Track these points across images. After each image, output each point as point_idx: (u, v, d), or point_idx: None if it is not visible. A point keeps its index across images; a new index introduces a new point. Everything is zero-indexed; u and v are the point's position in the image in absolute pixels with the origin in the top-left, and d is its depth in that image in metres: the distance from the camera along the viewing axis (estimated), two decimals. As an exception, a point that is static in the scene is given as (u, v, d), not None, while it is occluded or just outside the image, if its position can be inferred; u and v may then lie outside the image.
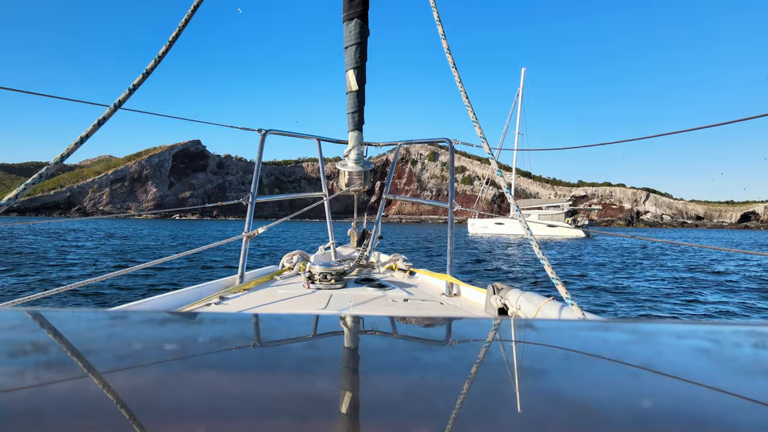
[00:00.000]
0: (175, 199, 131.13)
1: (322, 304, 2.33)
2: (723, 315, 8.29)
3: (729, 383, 0.41)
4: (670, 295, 10.03)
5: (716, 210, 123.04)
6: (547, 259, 1.99)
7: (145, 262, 2.49)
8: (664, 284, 11.85)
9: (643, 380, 0.43)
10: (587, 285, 11.45)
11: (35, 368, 0.42)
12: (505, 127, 52.57)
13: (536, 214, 53.19)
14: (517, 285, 2.27)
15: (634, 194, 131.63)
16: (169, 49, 2.37)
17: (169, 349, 0.49)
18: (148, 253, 18.38)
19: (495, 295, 2.24)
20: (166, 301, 2.25)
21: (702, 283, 12.19)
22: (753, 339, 0.54)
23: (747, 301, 9.45)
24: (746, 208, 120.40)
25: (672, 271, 15.17)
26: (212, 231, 35.53)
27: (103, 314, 0.65)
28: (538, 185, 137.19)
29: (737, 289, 11.08)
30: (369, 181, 3.41)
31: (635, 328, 0.60)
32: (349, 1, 3.10)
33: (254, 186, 3.03)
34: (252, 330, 0.61)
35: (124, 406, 0.35)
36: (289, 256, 3.46)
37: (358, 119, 3.29)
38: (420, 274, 3.31)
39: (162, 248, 20.33)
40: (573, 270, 15.07)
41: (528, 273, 13.90)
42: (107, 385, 0.39)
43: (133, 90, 2.19)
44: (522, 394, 0.39)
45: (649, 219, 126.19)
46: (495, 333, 0.61)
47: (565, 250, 25.12)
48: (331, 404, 0.37)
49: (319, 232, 30.63)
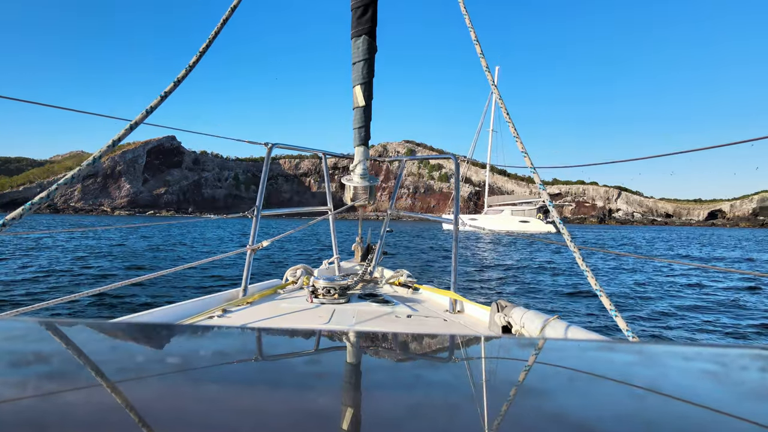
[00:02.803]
0: (150, 195, 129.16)
1: (324, 318, 2.35)
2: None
3: (735, 407, 0.41)
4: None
5: (684, 208, 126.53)
6: (591, 271, 2.01)
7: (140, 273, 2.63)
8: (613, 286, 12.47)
9: (649, 402, 0.42)
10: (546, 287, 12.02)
11: (36, 379, 0.42)
12: (479, 124, 53.33)
13: (509, 210, 53.97)
14: (521, 303, 2.28)
15: (606, 192, 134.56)
16: (193, 67, 2.32)
17: (170, 362, 0.49)
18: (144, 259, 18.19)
19: (499, 312, 2.24)
20: (168, 313, 2.26)
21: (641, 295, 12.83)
22: (760, 363, 0.54)
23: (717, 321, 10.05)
24: (713, 206, 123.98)
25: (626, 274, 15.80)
26: (194, 233, 35.19)
27: (105, 326, 0.64)
28: (514, 183, 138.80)
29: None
30: (374, 196, 3.40)
31: (641, 348, 0.60)
32: (357, 18, 3.13)
33: (260, 199, 2.99)
34: (254, 344, 0.60)
35: (124, 419, 0.35)
36: (292, 269, 3.45)
37: (365, 134, 3.31)
38: (424, 290, 3.32)
39: (157, 259, 19.47)
40: (529, 273, 15.65)
41: (497, 265, 14.48)
42: (108, 397, 0.39)
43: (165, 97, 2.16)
44: (525, 414, 0.39)
45: (620, 216, 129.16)
46: (499, 352, 0.61)
47: (538, 247, 25.84)
48: (332, 421, 0.37)
49: (310, 237, 30.63)
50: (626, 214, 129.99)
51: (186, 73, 2.27)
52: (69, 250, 16.99)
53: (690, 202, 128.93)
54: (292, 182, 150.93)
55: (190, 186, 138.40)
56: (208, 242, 24.36)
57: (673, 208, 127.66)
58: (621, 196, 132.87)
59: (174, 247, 20.46)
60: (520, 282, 11.62)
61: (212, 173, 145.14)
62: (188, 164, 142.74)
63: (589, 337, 1.74)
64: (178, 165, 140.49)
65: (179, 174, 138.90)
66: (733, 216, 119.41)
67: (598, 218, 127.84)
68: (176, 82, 2.24)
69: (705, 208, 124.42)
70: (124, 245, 20.03)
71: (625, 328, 1.80)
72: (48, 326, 0.60)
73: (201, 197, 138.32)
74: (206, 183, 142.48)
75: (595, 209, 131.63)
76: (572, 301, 9.16)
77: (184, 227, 41.68)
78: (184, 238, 27.53)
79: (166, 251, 18.56)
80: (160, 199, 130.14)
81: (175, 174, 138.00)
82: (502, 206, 56.14)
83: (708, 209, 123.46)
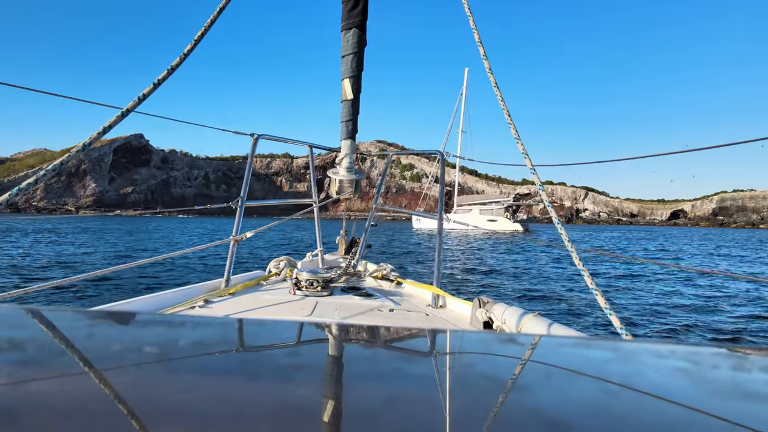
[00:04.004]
0: (116, 194, 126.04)
1: (307, 311, 2.35)
2: None
3: (707, 404, 0.42)
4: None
5: (648, 208, 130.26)
6: (587, 271, 2.05)
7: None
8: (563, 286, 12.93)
9: (623, 398, 0.44)
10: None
11: (12, 366, 0.41)
12: (449, 125, 53.88)
13: (478, 209, 54.51)
14: (502, 299, 2.30)
15: (574, 192, 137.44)
16: (183, 61, 2.32)
17: (150, 351, 0.49)
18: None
19: (481, 308, 2.26)
20: (149, 302, 2.24)
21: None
22: (731, 361, 0.55)
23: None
24: (675, 206, 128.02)
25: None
26: (164, 231, 34.57)
27: (85, 314, 0.64)
28: (485, 183, 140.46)
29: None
30: (360, 189, 3.41)
31: (617, 346, 0.61)
32: (348, 11, 3.11)
33: (244, 190, 3.00)
34: (235, 335, 0.60)
35: (101, 407, 0.34)
36: (276, 261, 3.43)
37: (352, 128, 3.31)
38: (407, 285, 3.33)
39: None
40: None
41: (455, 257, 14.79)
42: (85, 385, 0.39)
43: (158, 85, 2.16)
44: (502, 409, 0.40)
45: (587, 216, 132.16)
46: (479, 347, 0.62)
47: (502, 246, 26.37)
48: (312, 412, 0.37)
49: (293, 232, 30.31)
50: (593, 213, 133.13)
51: (180, 61, 2.28)
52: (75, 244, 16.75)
53: (654, 203, 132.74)
54: (263, 182, 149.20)
55: (158, 185, 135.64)
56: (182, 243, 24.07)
57: (637, 208, 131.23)
58: (588, 197, 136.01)
59: (145, 250, 20.27)
60: (493, 277, 11.97)
61: (181, 172, 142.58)
62: (156, 163, 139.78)
63: (568, 333, 1.75)
64: (146, 164, 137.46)
65: (147, 173, 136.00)
66: (694, 216, 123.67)
67: (566, 218, 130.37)
68: (170, 69, 2.24)
69: (668, 208, 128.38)
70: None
71: (619, 326, 1.82)
72: (28, 313, 0.59)
73: (170, 197, 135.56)
74: (175, 182, 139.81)
75: (564, 209, 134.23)
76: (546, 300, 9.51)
77: (158, 230, 40.54)
78: (159, 242, 27.09)
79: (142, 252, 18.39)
80: (127, 198, 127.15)
81: (142, 173, 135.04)
82: (470, 206, 56.75)
83: (671, 209, 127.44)
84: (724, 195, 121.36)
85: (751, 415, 0.40)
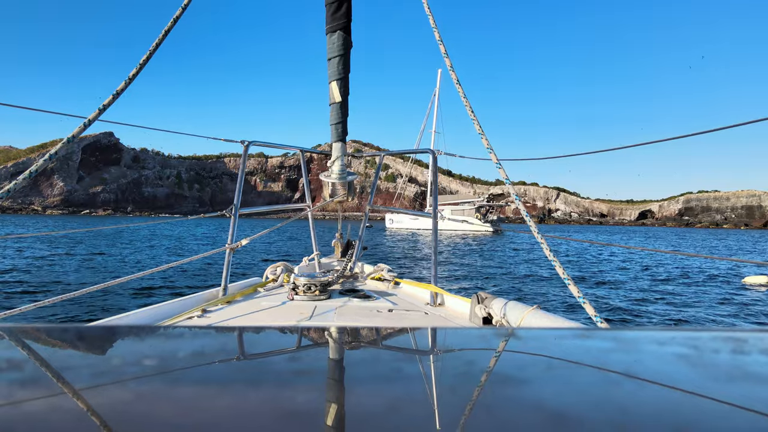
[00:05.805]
0: (85, 194, 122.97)
1: (306, 315, 2.34)
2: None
3: (709, 388, 0.42)
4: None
5: (618, 208, 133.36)
6: (558, 261, 2.09)
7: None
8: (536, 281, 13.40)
9: (625, 387, 0.44)
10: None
11: (13, 386, 0.41)
12: (422, 126, 54.35)
13: (449, 209, 54.88)
14: (501, 295, 2.29)
15: (546, 193, 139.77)
16: (150, 57, 2.33)
17: (150, 364, 0.48)
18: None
19: (479, 304, 2.25)
20: (147, 314, 2.23)
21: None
22: (731, 345, 0.55)
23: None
24: (643, 206, 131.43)
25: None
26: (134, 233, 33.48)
27: (84, 329, 0.64)
28: (458, 183, 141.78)
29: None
30: (353, 191, 3.38)
31: (616, 335, 0.62)
32: (332, 13, 3.10)
33: (237, 197, 2.93)
34: (235, 343, 0.60)
35: (103, 423, 0.34)
36: (272, 267, 3.40)
37: (342, 130, 3.28)
38: (404, 284, 3.32)
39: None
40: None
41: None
42: (89, 401, 0.38)
43: (117, 96, 2.18)
44: (506, 403, 0.40)
45: (559, 216, 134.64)
46: (480, 343, 0.62)
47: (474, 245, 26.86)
48: (315, 417, 0.37)
49: (283, 233, 29.96)
50: (564, 214, 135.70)
51: (137, 71, 2.30)
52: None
53: (623, 203, 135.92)
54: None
55: (129, 184, 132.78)
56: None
57: (607, 209, 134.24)
58: (560, 197, 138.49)
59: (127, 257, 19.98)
60: (486, 273, 12.31)
61: (153, 171, 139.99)
62: (127, 162, 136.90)
63: (568, 325, 1.77)
64: (117, 162, 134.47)
65: (117, 172, 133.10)
66: (661, 216, 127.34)
67: (539, 218, 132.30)
68: (128, 80, 2.26)
69: (636, 208, 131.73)
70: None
71: (593, 314, 1.85)
72: (25, 332, 0.59)
73: (141, 196, 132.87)
74: (147, 181, 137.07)
75: (536, 209, 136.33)
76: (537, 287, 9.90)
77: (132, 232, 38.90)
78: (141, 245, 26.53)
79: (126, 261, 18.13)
80: (96, 197, 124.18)
81: (113, 172, 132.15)
82: (442, 206, 56.78)
83: (639, 209, 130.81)
84: (690, 196, 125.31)
85: (753, 397, 0.40)
